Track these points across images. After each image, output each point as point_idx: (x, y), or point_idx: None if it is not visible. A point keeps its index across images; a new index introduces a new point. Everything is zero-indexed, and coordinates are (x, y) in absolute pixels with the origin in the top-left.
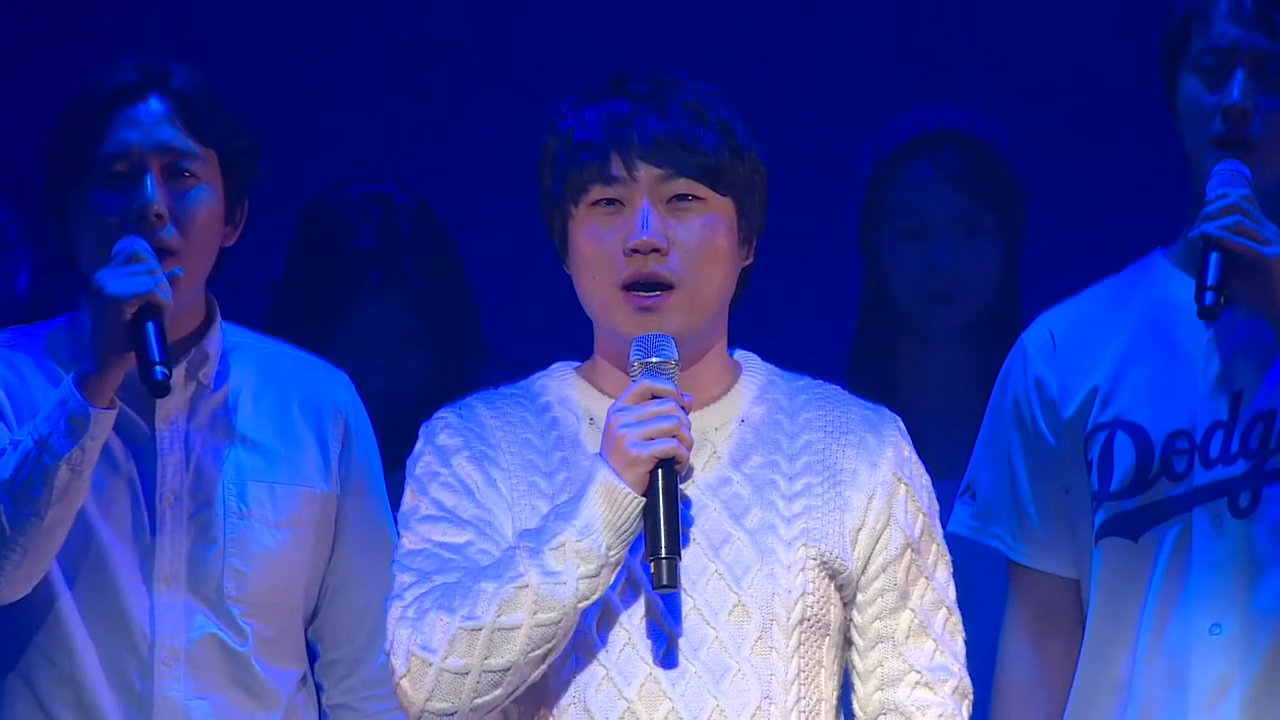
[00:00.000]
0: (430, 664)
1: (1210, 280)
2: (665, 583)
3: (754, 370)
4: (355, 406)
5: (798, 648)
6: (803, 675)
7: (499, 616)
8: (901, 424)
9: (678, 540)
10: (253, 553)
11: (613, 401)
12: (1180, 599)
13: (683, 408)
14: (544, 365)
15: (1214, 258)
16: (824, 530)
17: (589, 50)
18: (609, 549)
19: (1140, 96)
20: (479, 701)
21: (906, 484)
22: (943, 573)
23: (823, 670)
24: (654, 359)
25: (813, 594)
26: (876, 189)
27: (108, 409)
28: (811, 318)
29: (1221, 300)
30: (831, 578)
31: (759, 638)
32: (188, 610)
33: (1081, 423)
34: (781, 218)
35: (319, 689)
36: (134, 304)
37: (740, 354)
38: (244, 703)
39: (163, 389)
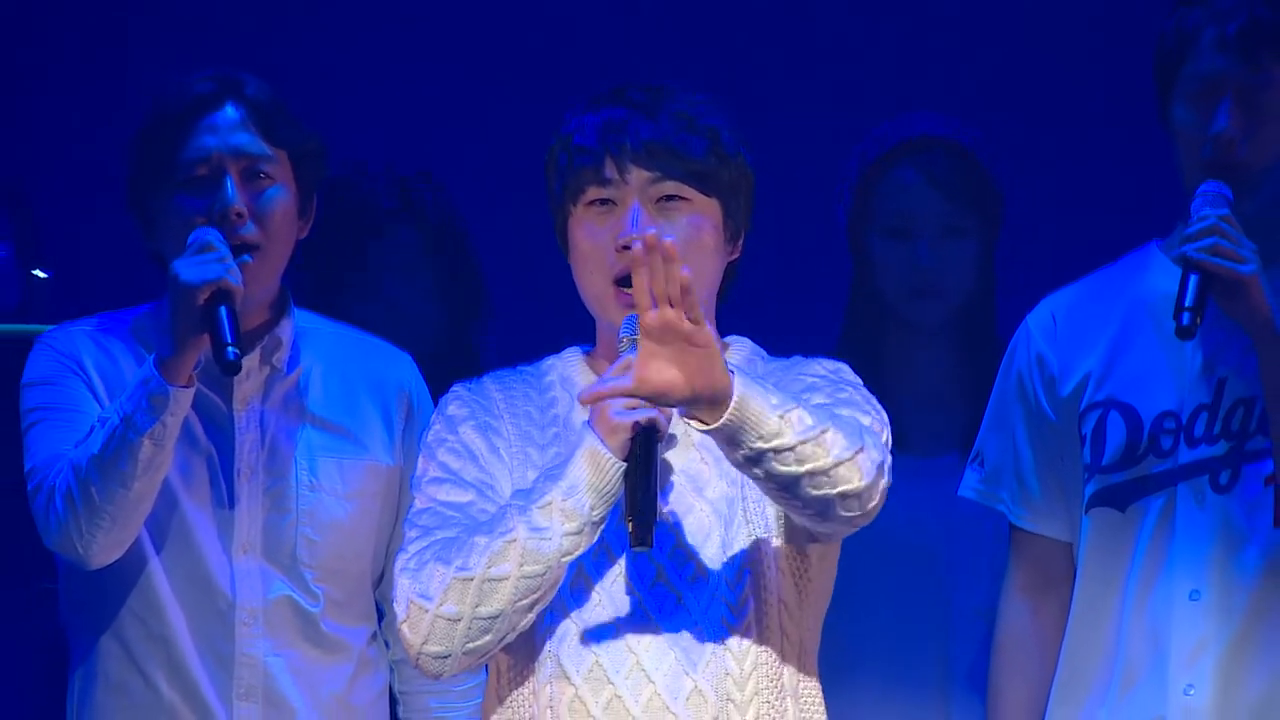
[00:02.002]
0: (426, 611)
1: (1188, 301)
2: (638, 542)
3: (737, 352)
4: (418, 385)
5: (753, 593)
6: (761, 620)
7: (489, 568)
8: (831, 361)
9: (654, 503)
10: (323, 523)
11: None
12: (1163, 567)
13: None
14: (548, 331)
15: (1193, 279)
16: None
17: (589, 56)
18: (592, 509)
19: (1107, 107)
20: (470, 646)
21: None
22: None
23: (789, 612)
24: (635, 336)
25: (766, 541)
26: (864, 192)
27: (186, 387)
28: (804, 311)
29: (1197, 320)
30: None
31: (714, 591)
32: (264, 575)
33: (1077, 400)
34: (776, 219)
35: (386, 646)
36: (206, 290)
37: (732, 338)
38: (317, 658)
39: (234, 368)
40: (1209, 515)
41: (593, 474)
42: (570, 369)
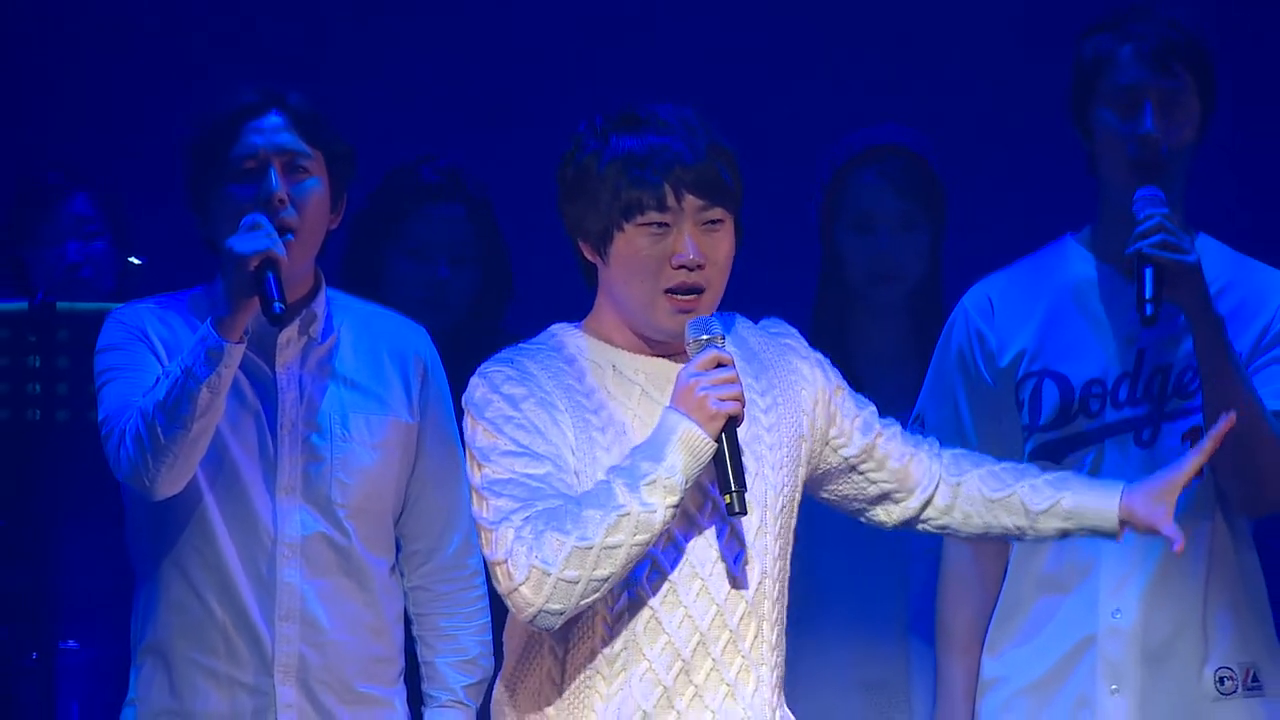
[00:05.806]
0: (549, 574)
1: (1149, 293)
2: (738, 510)
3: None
4: (432, 354)
5: (780, 531)
6: (783, 552)
7: (606, 538)
8: (787, 325)
9: (743, 476)
10: (353, 468)
11: (643, 359)
12: None
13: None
14: (551, 308)
15: (1148, 272)
16: (792, 430)
17: (589, 61)
18: (686, 483)
19: (1033, 123)
20: (584, 603)
21: (817, 360)
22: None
23: (790, 546)
24: (705, 336)
25: (788, 484)
26: (833, 192)
27: (238, 344)
28: (782, 294)
29: (1159, 308)
30: (800, 466)
31: (759, 527)
32: (302, 513)
33: (1014, 370)
34: (760, 216)
35: (402, 575)
36: (256, 259)
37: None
38: (346, 586)
39: (279, 319)
40: (1132, 466)
41: (689, 454)
42: (580, 342)
